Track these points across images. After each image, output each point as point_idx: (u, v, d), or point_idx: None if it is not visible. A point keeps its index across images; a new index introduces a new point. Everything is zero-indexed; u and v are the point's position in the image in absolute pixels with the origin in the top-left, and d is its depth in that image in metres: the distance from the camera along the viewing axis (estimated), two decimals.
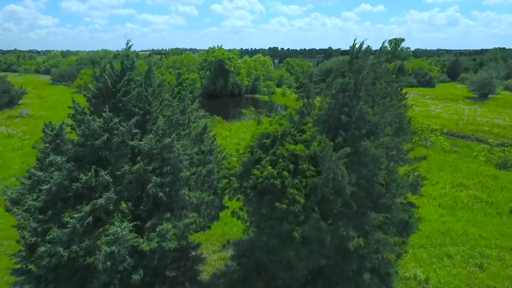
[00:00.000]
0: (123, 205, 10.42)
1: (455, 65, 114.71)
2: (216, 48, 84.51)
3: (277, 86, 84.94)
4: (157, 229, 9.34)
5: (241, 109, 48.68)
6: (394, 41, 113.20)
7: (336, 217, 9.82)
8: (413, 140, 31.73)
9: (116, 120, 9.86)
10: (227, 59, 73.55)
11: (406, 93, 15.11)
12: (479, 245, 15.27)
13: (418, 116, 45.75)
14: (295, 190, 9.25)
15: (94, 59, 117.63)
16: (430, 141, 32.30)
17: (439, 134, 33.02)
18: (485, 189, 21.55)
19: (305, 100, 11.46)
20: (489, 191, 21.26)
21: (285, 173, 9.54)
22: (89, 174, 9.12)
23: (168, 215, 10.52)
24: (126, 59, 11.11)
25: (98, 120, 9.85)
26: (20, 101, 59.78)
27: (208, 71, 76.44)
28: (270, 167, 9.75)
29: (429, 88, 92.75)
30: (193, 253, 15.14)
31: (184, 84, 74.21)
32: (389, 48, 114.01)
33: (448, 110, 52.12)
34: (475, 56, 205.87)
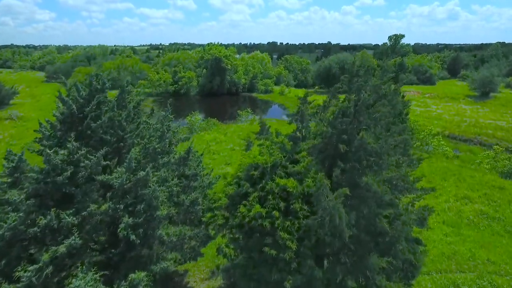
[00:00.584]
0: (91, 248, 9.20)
1: (456, 62, 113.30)
2: (213, 44, 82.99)
3: (275, 84, 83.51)
4: (129, 278, 8.16)
5: (238, 110, 47.36)
6: (394, 37, 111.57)
7: (333, 262, 8.68)
8: (415, 145, 30.61)
9: (83, 151, 8.62)
10: (224, 56, 72.02)
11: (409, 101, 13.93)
12: (488, 272, 14.17)
13: (419, 118, 44.57)
14: (286, 234, 8.09)
15: (89, 56, 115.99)
16: (432, 146, 31.11)
17: (441, 139, 31.80)
18: (492, 203, 20.42)
19: (299, 123, 10.25)
20: (496, 205, 20.15)
21: (275, 213, 8.36)
22: (49, 216, 7.91)
23: (144, 251, 9.38)
24: (96, 79, 9.80)
25: (62, 152, 8.60)
26: (12, 101, 58.33)
27: (204, 69, 74.90)
28: (258, 205, 8.57)
29: (429, 85, 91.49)
30: (178, 281, 14.02)
31: (180, 83, 72.85)
32: (389, 44, 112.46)
33: (449, 111, 50.91)
34: (475, 51, 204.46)
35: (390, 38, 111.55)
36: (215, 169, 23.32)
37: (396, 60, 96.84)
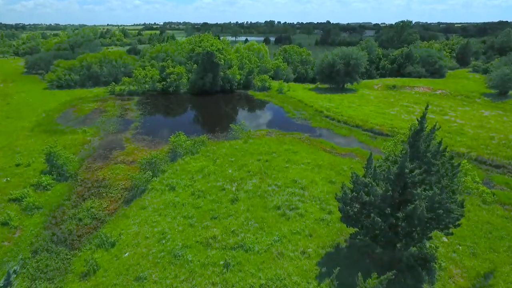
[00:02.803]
0: None
1: (465, 50, 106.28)
2: (205, 35, 75.52)
3: (273, 78, 76.81)
4: None
5: (230, 124, 41.22)
6: (401, 24, 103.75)
7: None
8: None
9: None
10: (216, 50, 64.90)
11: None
12: None
13: (439, 134, 38.73)
14: None
15: (73, 43, 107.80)
16: (464, 186, 25.47)
17: (477, 180, 26.15)
18: None
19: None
20: None
21: None
22: None
23: None
24: None
25: None
26: None
27: (195, 64, 67.93)
28: None
29: (438, 78, 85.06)
30: None
31: (168, 80, 66.07)
32: (395, 32, 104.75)
33: (470, 119, 45.04)
34: (482, 36, 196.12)
35: (397, 25, 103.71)
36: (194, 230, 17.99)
37: (403, 50, 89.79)
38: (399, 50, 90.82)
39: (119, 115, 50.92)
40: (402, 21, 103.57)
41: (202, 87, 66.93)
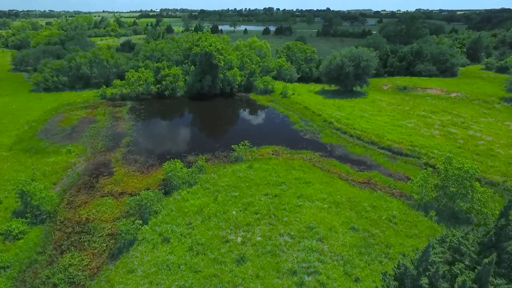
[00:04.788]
0: None
1: (476, 45, 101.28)
2: (203, 33, 70.34)
3: (276, 78, 71.98)
4: None
5: (232, 146, 36.71)
6: (410, 17, 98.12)
7: None
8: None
9: None
10: (215, 51, 59.87)
11: None
12: None
13: (464, 153, 34.56)
14: None
15: (64, 38, 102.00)
16: None
17: None
18: None
19: None
20: None
21: None
22: None
23: None
24: None
25: None
26: None
27: (193, 66, 62.96)
28: None
29: (450, 77, 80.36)
30: None
31: (164, 82, 61.21)
32: (404, 27, 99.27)
33: (497, 135, 40.76)
34: (488, 26, 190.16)
35: (405, 19, 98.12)
36: None
37: (413, 46, 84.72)
38: (409, 46, 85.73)
39: (109, 126, 46.38)
40: (412, 15, 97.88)
41: (200, 90, 62.31)
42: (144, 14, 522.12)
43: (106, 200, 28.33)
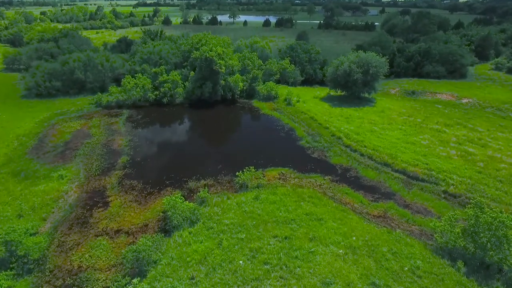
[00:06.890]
0: None
1: (485, 43, 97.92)
2: (203, 35, 66.94)
3: (279, 81, 68.99)
4: None
5: (237, 173, 34.12)
6: (417, 14, 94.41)
7: None
8: None
9: None
10: (216, 56, 56.69)
11: None
12: None
13: (485, 179, 32.10)
14: None
15: (57, 36, 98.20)
16: None
17: None
18: None
19: None
20: None
21: None
22: None
23: None
24: None
25: None
26: None
27: (192, 71, 59.87)
28: None
29: (459, 78, 77.38)
30: None
31: (162, 89, 58.23)
32: (410, 22, 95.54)
33: None
34: (493, 16, 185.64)
35: (412, 16, 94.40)
36: None
37: (421, 46, 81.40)
38: (417, 46, 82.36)
39: (105, 142, 43.72)
40: (419, 11, 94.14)
41: (200, 96, 59.42)
42: (141, 3, 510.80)
43: (101, 242, 25.96)
